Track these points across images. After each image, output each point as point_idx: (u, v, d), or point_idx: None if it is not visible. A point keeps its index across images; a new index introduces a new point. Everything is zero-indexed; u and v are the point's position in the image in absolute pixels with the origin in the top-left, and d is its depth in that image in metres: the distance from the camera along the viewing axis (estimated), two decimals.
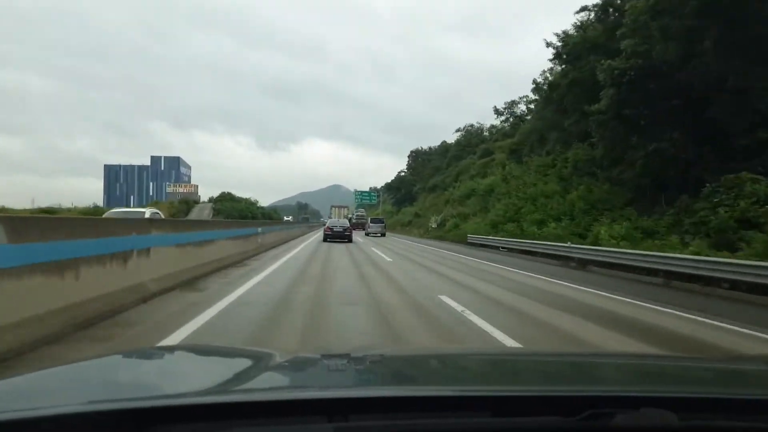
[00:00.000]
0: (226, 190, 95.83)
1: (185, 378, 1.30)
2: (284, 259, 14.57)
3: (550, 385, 1.29)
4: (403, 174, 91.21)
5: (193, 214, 76.70)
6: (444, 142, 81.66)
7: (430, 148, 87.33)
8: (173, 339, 4.65)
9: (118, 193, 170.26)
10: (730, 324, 6.56)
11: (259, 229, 18.52)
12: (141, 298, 6.28)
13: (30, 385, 1.14)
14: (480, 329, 5.59)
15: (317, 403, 0.95)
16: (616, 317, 6.84)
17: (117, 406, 0.89)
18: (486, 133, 64.02)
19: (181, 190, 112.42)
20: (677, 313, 7.33)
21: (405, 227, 55.31)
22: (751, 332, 6.12)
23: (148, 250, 6.95)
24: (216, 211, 79.52)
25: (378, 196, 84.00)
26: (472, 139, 65.21)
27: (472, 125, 68.85)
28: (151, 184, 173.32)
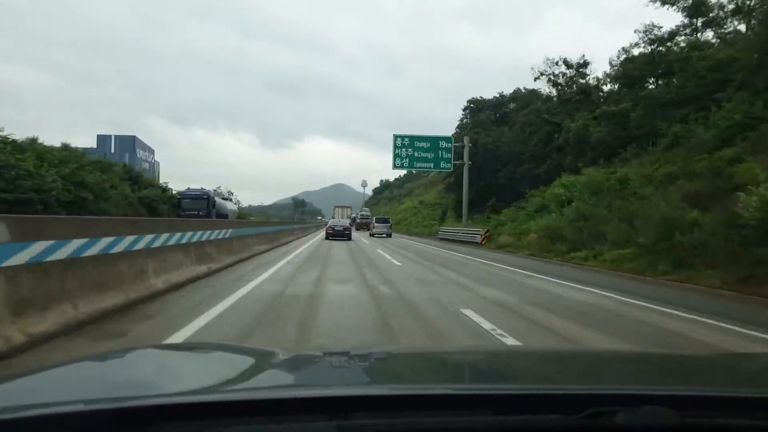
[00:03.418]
0: (228, 187, 61.96)
1: (185, 376, 1.30)
2: None
3: (552, 384, 1.30)
4: (456, 132, 50.37)
5: None
6: (519, 89, 51.76)
7: (501, 95, 54.26)
8: None
9: None
10: None
11: None
12: None
13: (29, 384, 1.14)
14: None
15: (319, 401, 0.95)
16: None
17: (116, 405, 0.89)
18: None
19: None
20: None
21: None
22: None
23: None
24: None
25: (457, 144, 35.17)
26: None
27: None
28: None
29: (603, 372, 1.54)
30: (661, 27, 32.03)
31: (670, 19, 38.48)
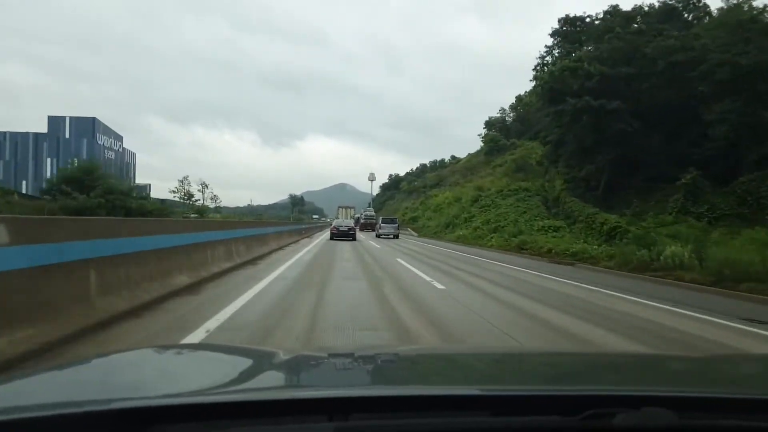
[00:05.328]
0: (228, 190, 50.15)
1: (185, 377, 1.30)
2: None
3: (552, 385, 1.30)
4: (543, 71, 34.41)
5: None
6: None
7: (614, 7, 36.88)
8: None
9: (1, 176, 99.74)
10: None
11: None
12: None
13: (29, 386, 1.14)
14: None
15: (317, 402, 0.95)
16: None
17: (116, 406, 0.89)
18: None
19: None
20: None
21: None
22: None
23: None
24: None
25: None
26: None
27: None
28: (48, 160, 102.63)
29: (602, 373, 1.54)
30: None
31: None
